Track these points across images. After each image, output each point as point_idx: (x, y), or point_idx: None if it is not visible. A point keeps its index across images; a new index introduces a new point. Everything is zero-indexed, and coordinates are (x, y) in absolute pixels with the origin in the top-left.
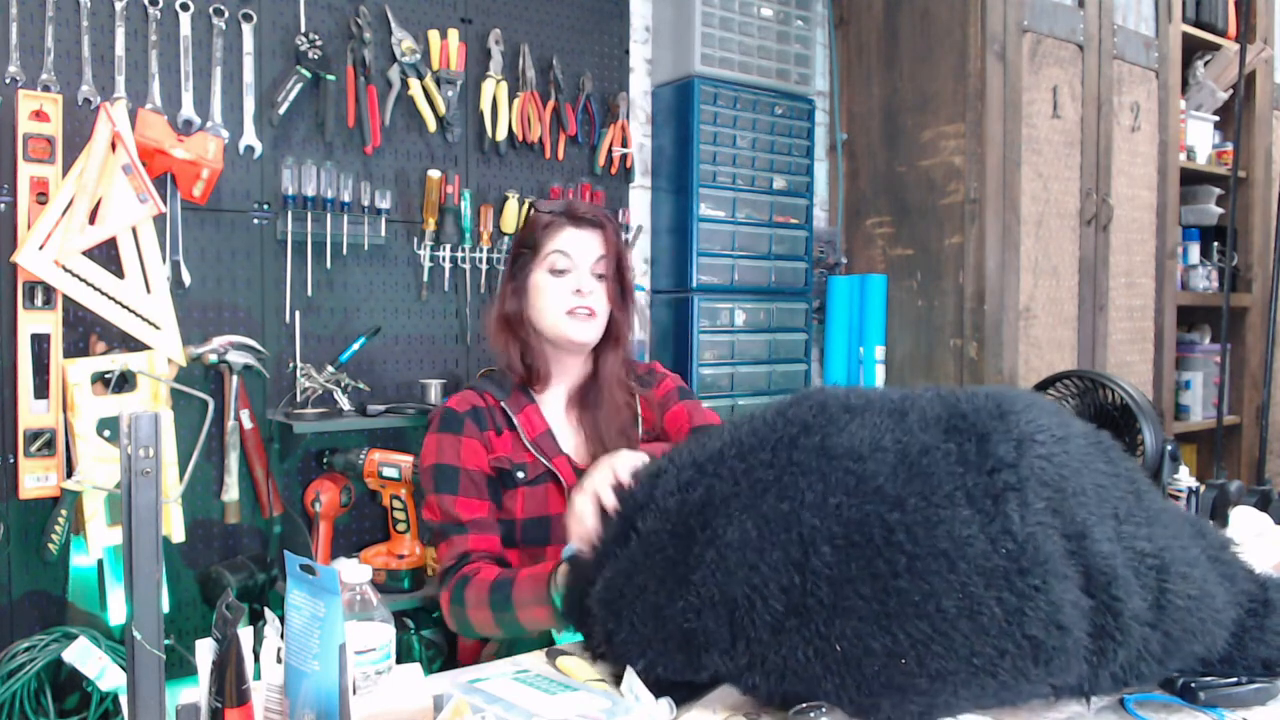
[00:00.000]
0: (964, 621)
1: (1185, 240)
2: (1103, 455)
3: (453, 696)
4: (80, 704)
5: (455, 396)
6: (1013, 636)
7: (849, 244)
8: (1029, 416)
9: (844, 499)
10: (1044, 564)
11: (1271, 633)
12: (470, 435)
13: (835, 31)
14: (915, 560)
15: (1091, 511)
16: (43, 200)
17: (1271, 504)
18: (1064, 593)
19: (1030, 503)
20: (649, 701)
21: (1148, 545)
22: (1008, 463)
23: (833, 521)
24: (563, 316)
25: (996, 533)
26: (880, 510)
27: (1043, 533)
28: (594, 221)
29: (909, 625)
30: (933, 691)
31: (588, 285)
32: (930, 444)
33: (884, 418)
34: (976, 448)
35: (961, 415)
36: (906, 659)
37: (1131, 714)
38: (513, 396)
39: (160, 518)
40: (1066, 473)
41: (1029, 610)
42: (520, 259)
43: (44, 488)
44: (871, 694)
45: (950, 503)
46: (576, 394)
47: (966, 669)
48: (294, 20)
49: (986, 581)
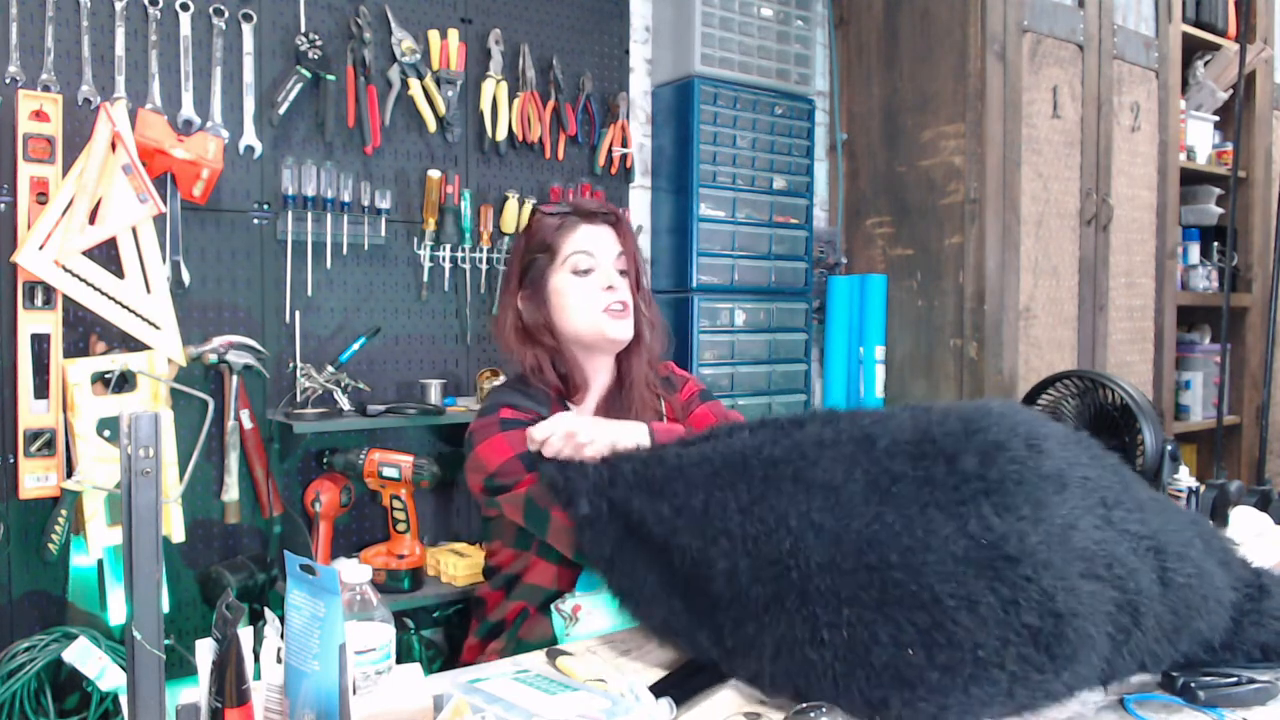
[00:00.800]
0: (963, 614)
1: (1185, 240)
2: (1085, 451)
3: (453, 696)
4: (80, 704)
5: (501, 410)
6: (1012, 625)
7: (849, 244)
8: (997, 429)
9: (824, 517)
10: (1032, 555)
11: (1269, 616)
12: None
13: (835, 31)
14: (908, 554)
15: (1077, 505)
16: (43, 200)
17: (1271, 504)
18: (1058, 581)
19: (1009, 503)
20: (649, 701)
21: (1141, 528)
22: (976, 475)
23: (818, 526)
24: (600, 315)
25: (975, 529)
26: (862, 524)
27: (1027, 525)
28: (607, 217)
29: (911, 615)
30: (943, 688)
31: (617, 281)
32: (899, 472)
33: (854, 448)
34: (945, 468)
35: (931, 440)
36: (914, 649)
37: (1131, 714)
38: (551, 409)
39: (160, 518)
40: (1044, 471)
41: (1022, 600)
42: (533, 265)
43: (44, 488)
44: (881, 687)
45: (923, 515)
46: (604, 402)
47: (973, 660)
48: (294, 20)
49: (976, 571)
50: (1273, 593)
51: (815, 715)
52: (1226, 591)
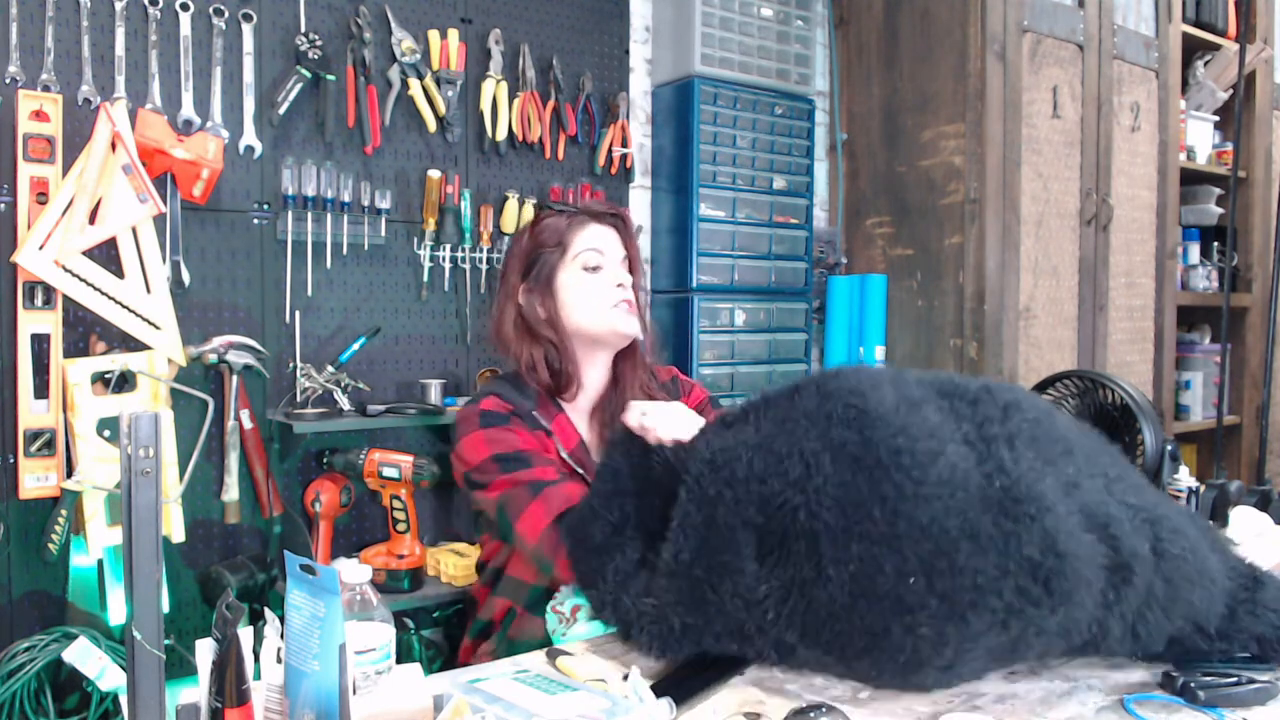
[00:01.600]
0: (965, 542)
1: (1185, 240)
2: (1089, 437)
3: (453, 696)
4: (80, 704)
5: (483, 401)
6: (1011, 556)
7: (849, 244)
8: (1013, 395)
9: (845, 432)
10: (1037, 499)
11: (1264, 607)
12: (519, 428)
13: (835, 31)
14: (921, 485)
15: (1080, 468)
16: (43, 200)
17: (1271, 504)
18: (1059, 522)
19: (1020, 451)
20: (650, 701)
21: (1139, 501)
22: (996, 420)
23: (837, 444)
24: (610, 311)
25: (991, 469)
26: (885, 435)
27: (1034, 475)
28: (613, 219)
29: (916, 545)
30: (941, 614)
31: (625, 279)
32: (925, 398)
33: (880, 373)
34: (968, 407)
35: (954, 384)
36: (915, 577)
37: (1131, 714)
38: (541, 406)
39: (160, 518)
40: (1054, 435)
41: (1024, 534)
42: (541, 260)
43: (44, 488)
44: (882, 614)
45: (950, 439)
46: (598, 404)
47: (971, 587)
48: (294, 20)
49: (983, 507)
50: (1268, 585)
51: (815, 715)
52: (1221, 573)
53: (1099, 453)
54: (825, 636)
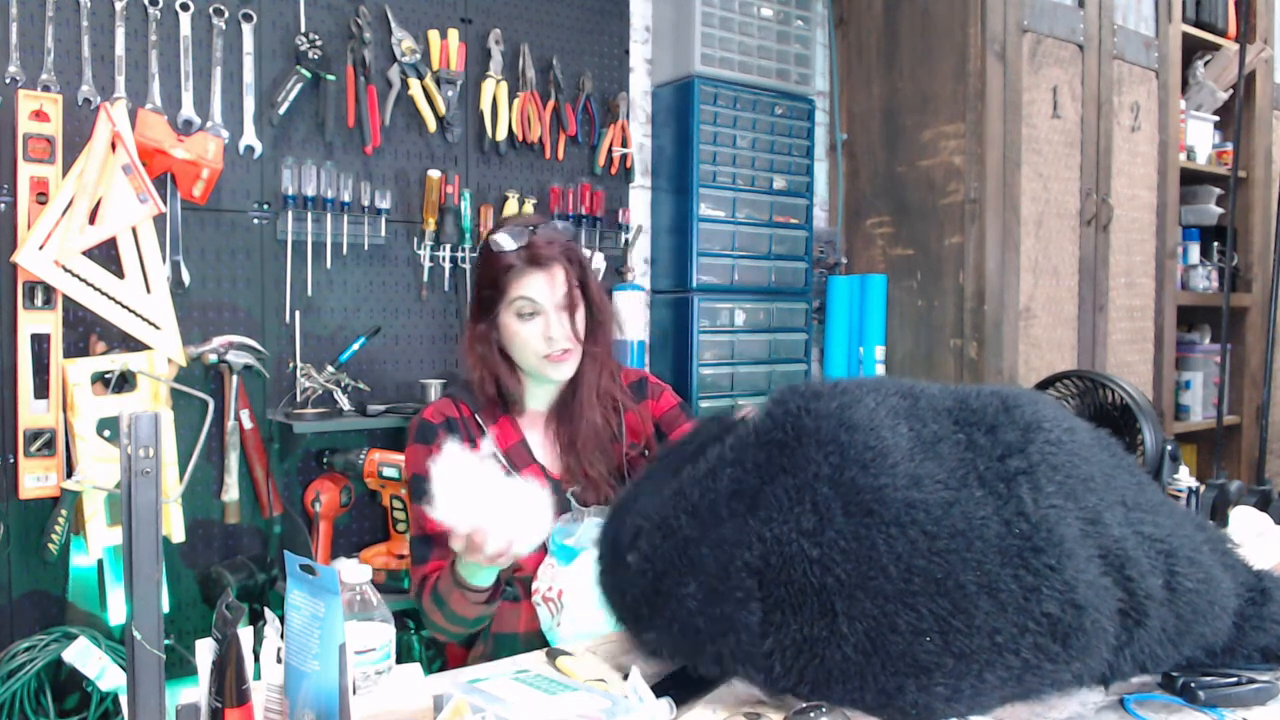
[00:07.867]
0: (984, 599)
1: (1185, 240)
2: (1106, 449)
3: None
4: (80, 704)
5: (431, 406)
6: (1031, 614)
7: (849, 244)
8: (1033, 409)
9: (859, 474)
10: (1058, 545)
11: (1270, 621)
12: (437, 443)
13: (835, 31)
14: (935, 540)
15: (1101, 497)
16: (43, 200)
17: (1271, 504)
18: (1079, 573)
19: (1042, 486)
20: (650, 701)
21: (1155, 530)
22: (1017, 448)
23: (849, 493)
24: (540, 360)
25: (1010, 515)
26: (899, 485)
27: (1056, 515)
28: (555, 259)
29: (931, 602)
30: (957, 672)
31: (557, 327)
32: (941, 433)
33: (897, 399)
34: (985, 437)
35: (970, 409)
36: (931, 636)
37: (1131, 714)
38: (487, 408)
39: (160, 518)
40: (1075, 460)
41: (1045, 589)
42: (485, 300)
43: (44, 488)
44: (896, 674)
45: (964, 484)
46: (554, 409)
47: (990, 647)
48: (294, 20)
49: (1003, 560)
50: (1274, 596)
51: (815, 715)
52: (1231, 598)
53: (1117, 471)
54: (836, 694)
